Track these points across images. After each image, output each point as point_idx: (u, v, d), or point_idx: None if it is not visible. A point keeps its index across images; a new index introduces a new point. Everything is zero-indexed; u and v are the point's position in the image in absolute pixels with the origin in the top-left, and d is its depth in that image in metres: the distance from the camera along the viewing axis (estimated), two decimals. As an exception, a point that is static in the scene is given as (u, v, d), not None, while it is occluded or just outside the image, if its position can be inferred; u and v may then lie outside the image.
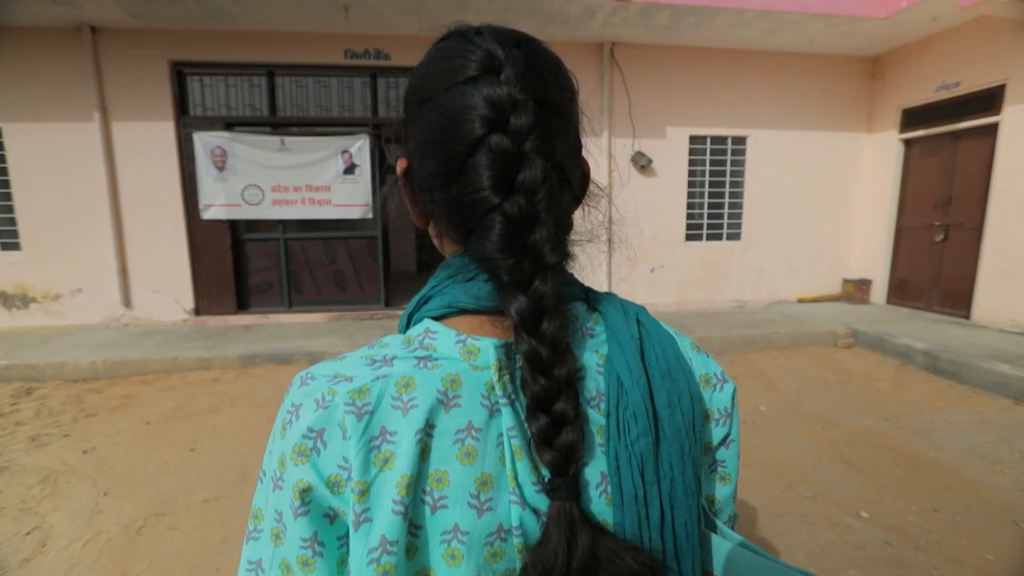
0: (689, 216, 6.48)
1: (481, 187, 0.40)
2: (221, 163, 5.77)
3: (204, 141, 5.70)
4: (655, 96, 6.16)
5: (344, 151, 5.94)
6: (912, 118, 6.12)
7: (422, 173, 0.45)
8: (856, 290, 6.57)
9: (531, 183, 0.39)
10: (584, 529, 0.38)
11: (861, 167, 6.71)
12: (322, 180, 5.97)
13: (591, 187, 0.52)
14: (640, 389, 0.43)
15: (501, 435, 0.41)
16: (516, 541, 0.40)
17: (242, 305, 6.10)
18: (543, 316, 0.40)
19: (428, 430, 0.40)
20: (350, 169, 5.98)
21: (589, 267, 0.52)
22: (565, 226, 0.46)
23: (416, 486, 0.39)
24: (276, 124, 5.90)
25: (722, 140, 6.45)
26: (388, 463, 0.39)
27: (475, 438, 0.40)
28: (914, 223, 6.20)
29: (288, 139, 5.83)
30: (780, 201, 6.60)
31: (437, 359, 0.43)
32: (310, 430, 0.40)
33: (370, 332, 5.52)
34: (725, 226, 6.61)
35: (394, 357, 0.43)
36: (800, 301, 6.76)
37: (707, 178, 6.49)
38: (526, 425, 0.41)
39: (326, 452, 0.39)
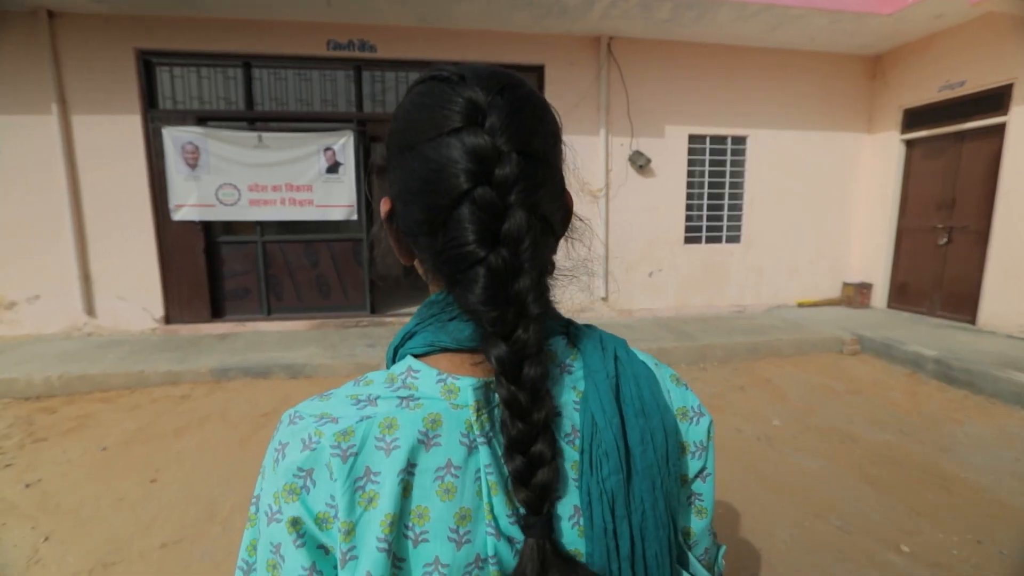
0: (688, 218, 6.26)
1: (466, 241, 0.40)
2: (193, 160, 5.38)
3: (174, 136, 5.31)
4: (654, 93, 5.93)
5: (327, 148, 5.59)
6: (914, 118, 5.98)
7: (407, 219, 0.46)
8: (857, 294, 6.42)
9: (516, 234, 0.40)
10: (555, 563, 0.40)
11: (861, 168, 6.56)
12: (303, 179, 5.62)
13: (574, 220, 0.53)
14: (612, 428, 0.44)
15: (479, 471, 0.43)
16: (492, 570, 0.42)
17: (217, 312, 5.71)
18: (524, 363, 0.41)
19: (410, 469, 0.41)
20: (333, 167, 5.64)
21: (586, 274, 0.54)
22: (547, 272, 0.47)
23: (399, 523, 0.41)
24: (253, 119, 5.53)
25: (722, 140, 6.24)
26: (372, 503, 0.40)
27: (454, 475, 0.42)
28: (916, 225, 6.06)
29: (266, 135, 5.47)
30: (780, 202, 6.42)
31: (419, 398, 0.44)
32: (300, 469, 0.42)
33: (354, 342, 5.19)
34: (724, 228, 6.41)
35: (378, 397, 0.44)
36: (800, 305, 6.59)
37: (706, 179, 6.28)
38: (502, 462, 0.42)
39: (315, 491, 0.41)
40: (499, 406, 0.42)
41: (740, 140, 6.28)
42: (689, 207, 6.26)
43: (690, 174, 6.20)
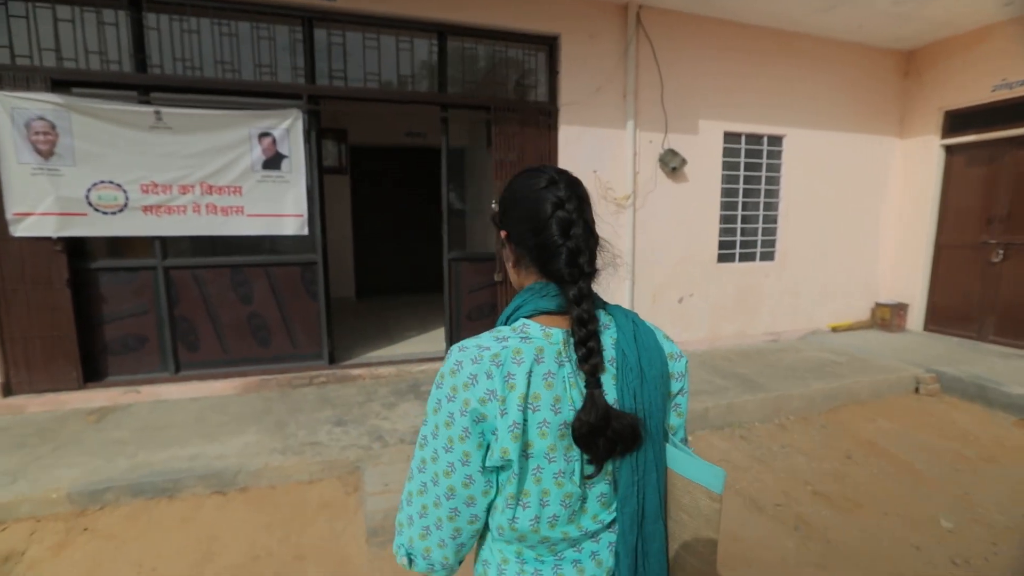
0: (721, 231, 5.17)
1: (554, 236, 0.77)
2: (47, 146, 3.45)
3: (13, 108, 3.37)
4: (687, 80, 4.77)
5: (263, 134, 3.86)
6: (958, 121, 5.30)
7: (520, 234, 0.82)
8: (893, 316, 5.67)
9: (578, 233, 0.77)
10: (601, 403, 0.72)
11: (891, 176, 5.83)
12: (227, 176, 3.85)
13: (601, 241, 0.83)
14: (633, 356, 0.77)
15: (564, 376, 0.75)
16: (569, 429, 0.74)
17: (92, 374, 3.78)
18: (584, 299, 0.74)
19: (530, 373, 0.73)
20: (273, 161, 3.92)
21: (613, 302, 0.86)
22: (595, 255, 0.80)
23: (525, 399, 0.72)
24: (147, 87, 3.69)
25: (757, 139, 5.23)
26: (513, 388, 0.72)
27: (552, 377, 0.74)
28: (958, 240, 5.39)
29: (169, 112, 3.65)
30: (815, 214, 5.52)
31: (531, 338, 0.76)
32: (471, 375, 0.73)
33: (312, 414, 3.52)
34: (759, 243, 5.39)
35: (508, 337, 0.76)
36: (834, 330, 5.73)
37: (741, 185, 5.23)
38: (576, 374, 0.75)
39: (477, 386, 0.73)
40: (575, 343, 0.74)
41: (776, 140, 5.30)
42: (723, 219, 5.17)
43: (724, 179, 5.12)
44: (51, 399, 3.61)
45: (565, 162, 4.51)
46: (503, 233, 0.86)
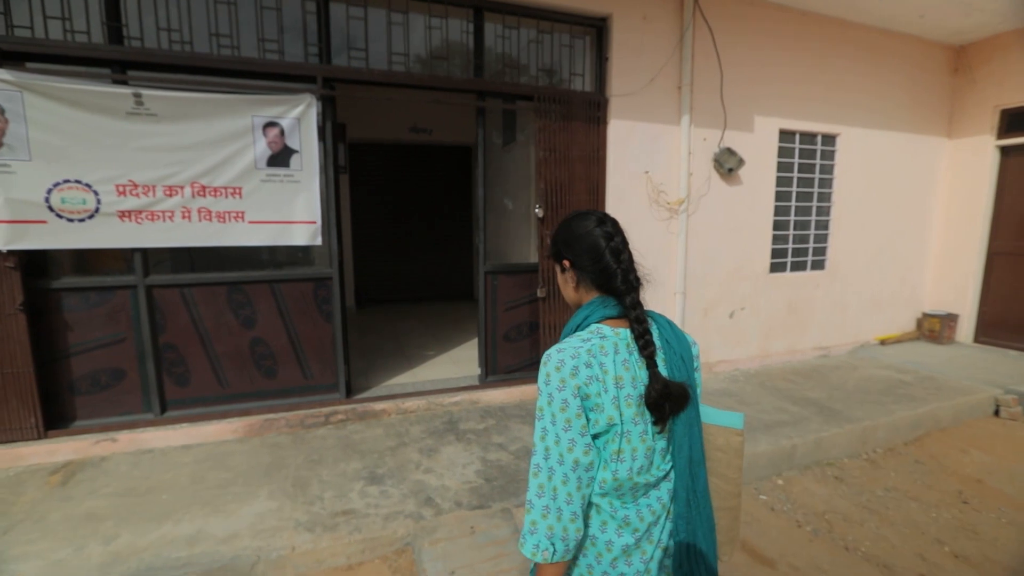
0: (772, 239, 4.68)
1: (611, 262, 1.00)
2: (-7, 134, 2.70)
3: (-54, 84, 2.60)
4: (743, 71, 4.25)
5: (270, 124, 3.17)
6: (1016, 121, 4.93)
7: (581, 262, 1.04)
8: (943, 327, 5.29)
9: (627, 259, 1.01)
10: (661, 377, 0.94)
11: (939, 178, 5.45)
12: (226, 175, 3.14)
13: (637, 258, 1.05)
14: (674, 343, 1.02)
15: (633, 362, 0.96)
16: (643, 399, 0.96)
17: (56, 419, 3.02)
18: (637, 305, 0.98)
19: (612, 361, 0.95)
20: (281, 156, 3.22)
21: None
22: (639, 274, 1.03)
23: (616, 380, 0.94)
24: (124, 63, 2.95)
25: (811, 138, 4.75)
26: (606, 372, 0.93)
27: (627, 362, 0.96)
28: (1013, 247, 5.03)
29: (152, 95, 2.92)
30: (866, 219, 5.09)
31: (607, 337, 0.97)
32: (573, 367, 0.91)
33: (335, 465, 2.86)
34: (810, 252, 4.93)
35: (590, 338, 0.96)
36: (882, 343, 5.32)
37: (794, 188, 4.74)
38: (639, 355, 0.96)
39: (581, 373, 0.91)
40: (635, 338, 0.97)
41: (830, 140, 4.84)
42: (775, 225, 4.68)
43: (777, 182, 4.63)
44: (2, 454, 2.84)
45: (615, 161, 3.93)
46: (566, 262, 1.08)
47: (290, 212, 3.31)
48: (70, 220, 2.89)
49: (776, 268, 4.75)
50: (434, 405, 3.64)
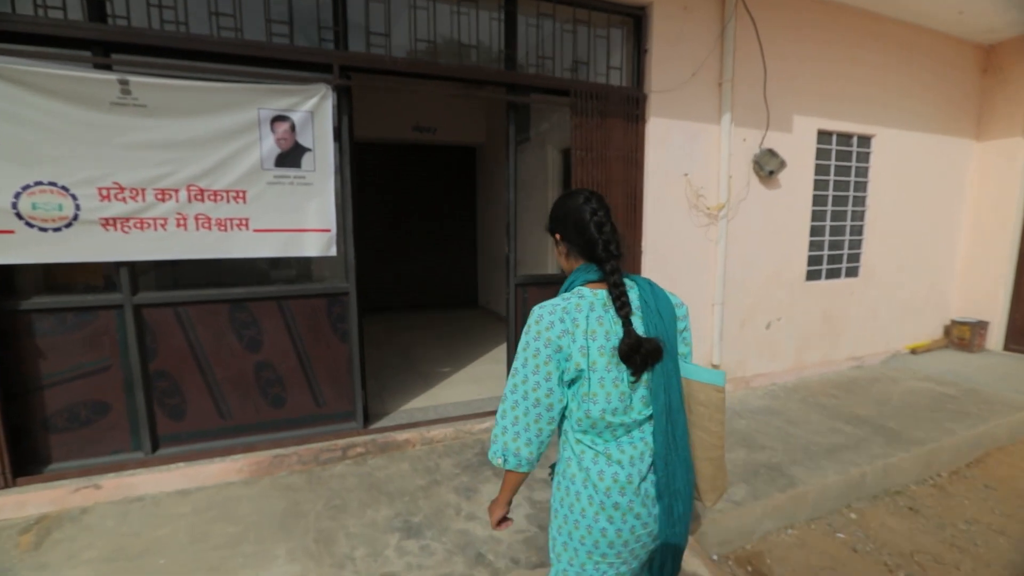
0: (809, 245, 4.41)
1: (594, 234, 1.13)
2: (-54, 127, 2.23)
3: None
4: (783, 67, 3.96)
5: (279, 117, 2.74)
6: (1049, 123, 4.75)
7: (570, 235, 1.19)
8: (973, 334, 5.10)
9: (608, 230, 1.13)
10: (633, 333, 1.06)
11: (967, 182, 5.26)
12: (228, 177, 2.70)
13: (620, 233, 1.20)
14: (652, 303, 1.14)
15: (609, 319, 1.10)
16: (616, 351, 1.08)
17: (26, 464, 2.55)
18: (615, 271, 1.10)
19: (587, 317, 1.09)
20: (291, 155, 2.80)
21: (698, 333, 2.39)
22: (619, 245, 1.15)
23: (586, 332, 1.08)
24: (107, 44, 2.49)
25: (847, 139, 4.49)
26: (577, 326, 1.08)
27: (601, 319, 1.09)
28: (1045, 253, 4.86)
29: (141, 82, 2.47)
30: (899, 224, 4.86)
31: (584, 296, 1.12)
32: (550, 322, 1.08)
33: (363, 506, 2.45)
34: (845, 258, 4.67)
35: (569, 297, 1.12)
36: (913, 352, 5.11)
37: (830, 192, 4.48)
38: (615, 315, 1.09)
39: (554, 328, 1.07)
40: (612, 298, 1.10)
41: (865, 141, 4.59)
42: (812, 230, 4.41)
43: (815, 184, 4.36)
44: (-41, 507, 2.37)
45: (653, 162, 3.59)
46: (557, 236, 1.23)
47: (301, 219, 2.88)
48: (43, 229, 2.43)
49: (811, 276, 4.48)
50: (462, 433, 3.25)
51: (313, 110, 2.79)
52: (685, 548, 1.23)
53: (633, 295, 1.14)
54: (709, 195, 3.83)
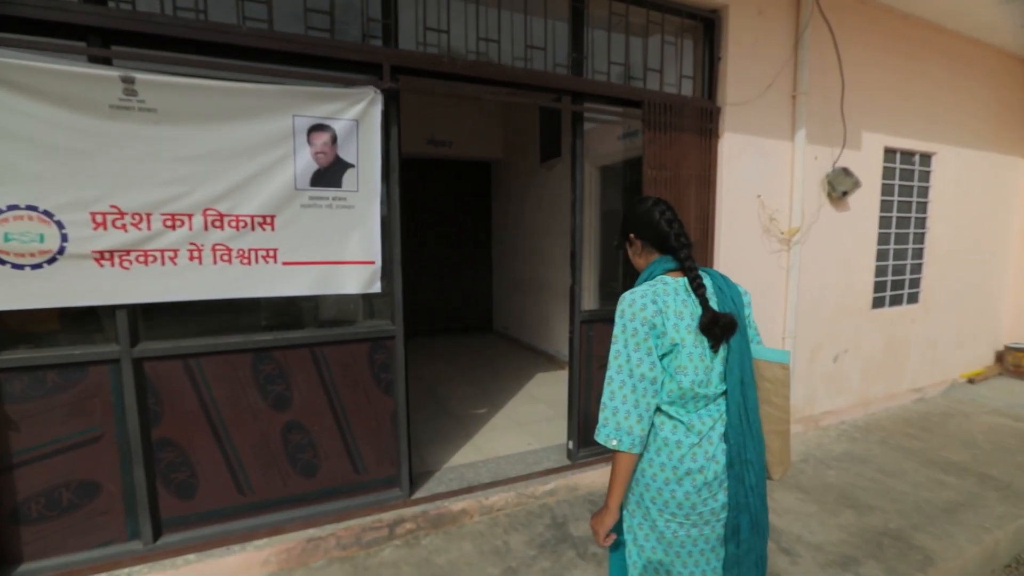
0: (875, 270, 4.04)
1: (664, 228, 1.28)
2: None
3: None
4: (855, 78, 3.61)
5: (317, 127, 2.22)
6: (1106, 142, 4.52)
7: (644, 233, 1.32)
8: (1029, 363, 4.80)
9: (677, 226, 1.28)
10: (710, 309, 1.19)
11: (1016, 201, 5.00)
12: (255, 199, 2.17)
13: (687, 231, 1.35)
14: (724, 289, 1.28)
15: (690, 302, 1.21)
16: (698, 327, 1.20)
17: (-13, 568, 1.95)
18: (688, 258, 1.24)
19: (672, 299, 1.21)
20: (331, 172, 2.28)
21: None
22: (689, 237, 1.29)
23: (675, 313, 1.19)
24: (107, 32, 1.96)
25: (909, 157, 4.17)
26: (667, 307, 1.19)
27: (684, 302, 1.21)
28: (1102, 277, 4.60)
29: (148, 80, 1.94)
30: (957, 246, 4.55)
31: (667, 283, 1.23)
32: (642, 304, 1.18)
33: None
34: (906, 283, 4.32)
35: (655, 284, 1.22)
36: (970, 381, 4.77)
37: (894, 213, 4.13)
38: (693, 296, 1.22)
39: (648, 308, 1.18)
40: (689, 283, 1.22)
41: (926, 159, 4.28)
42: (877, 254, 4.04)
43: (880, 206, 4.00)
44: None
45: (727, 182, 3.18)
46: (632, 236, 1.36)
47: (340, 249, 2.36)
48: (17, 267, 1.86)
49: (876, 304, 4.11)
50: (525, 498, 2.72)
51: (359, 118, 2.28)
52: (765, 520, 1.27)
53: (708, 282, 1.27)
54: (781, 218, 3.43)
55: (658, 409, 1.23)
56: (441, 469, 2.94)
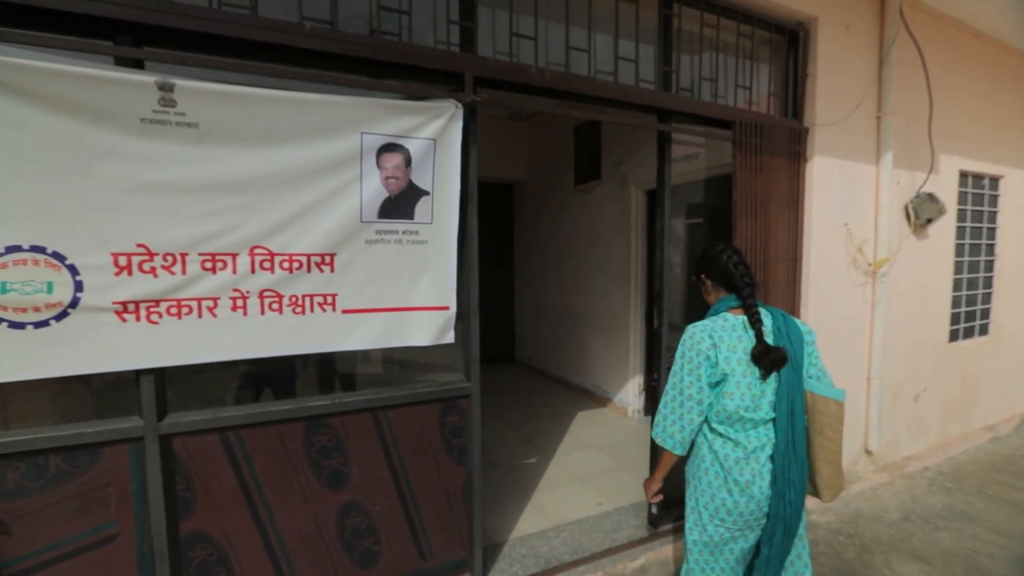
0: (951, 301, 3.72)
1: (731, 270, 1.51)
2: None
3: None
4: (938, 99, 3.32)
5: (389, 146, 1.82)
6: None
7: (715, 274, 1.55)
8: (1094, 396, 4.48)
9: (743, 268, 1.50)
10: (763, 342, 1.40)
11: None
12: (312, 234, 1.74)
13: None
14: (783, 327, 1.46)
15: (748, 337, 1.43)
16: (750, 365, 1.43)
17: None
18: (751, 298, 1.45)
19: (728, 335, 1.44)
20: (401, 201, 1.87)
21: (851, 415, 2.26)
22: (753, 278, 1.50)
23: (729, 347, 1.42)
24: (138, 28, 1.55)
25: (979, 180, 3.89)
26: (722, 341, 1.43)
27: (740, 337, 1.43)
28: None
29: (190, 87, 1.52)
30: (1022, 272, 4.26)
31: (727, 319, 1.46)
32: (700, 338, 1.44)
33: None
34: (978, 314, 4.00)
35: (716, 320, 1.46)
36: (1035, 416, 4.45)
37: (967, 240, 3.83)
38: (752, 336, 1.43)
39: (705, 342, 1.43)
40: (749, 320, 1.44)
41: (994, 182, 4.00)
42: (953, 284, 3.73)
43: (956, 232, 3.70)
44: None
45: (815, 210, 2.84)
46: (703, 276, 1.60)
47: (409, 293, 1.94)
48: (17, 325, 1.41)
49: (951, 337, 3.78)
50: (617, 581, 2.28)
51: (436, 137, 1.89)
52: (798, 529, 1.47)
53: (768, 322, 1.48)
54: (867, 248, 3.09)
55: (711, 427, 1.48)
56: (509, 541, 2.49)
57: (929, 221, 3.26)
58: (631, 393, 4.35)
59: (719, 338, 1.42)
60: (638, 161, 4.19)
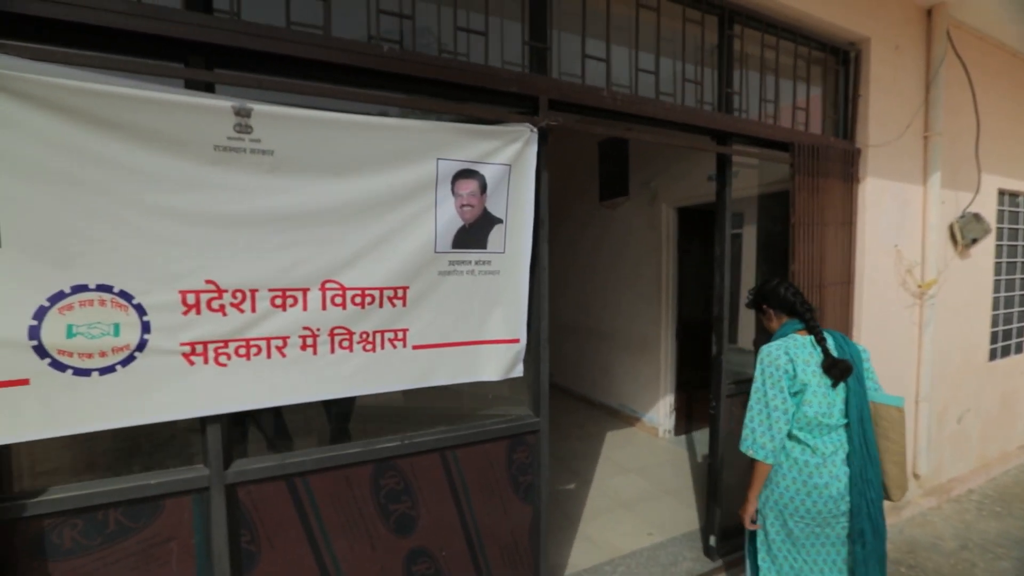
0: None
1: (790, 299, 1.74)
2: None
3: None
4: (973, 119, 3.27)
5: (464, 172, 1.71)
6: None
7: (774, 304, 1.79)
8: (1122, 413, 4.42)
9: (800, 296, 1.75)
10: (830, 354, 1.62)
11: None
12: (385, 266, 1.63)
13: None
14: (844, 346, 1.68)
15: (816, 354, 1.64)
16: (821, 370, 1.63)
17: None
18: (812, 320, 1.70)
19: (800, 351, 1.64)
20: (475, 230, 1.76)
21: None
22: (810, 303, 1.77)
23: (804, 361, 1.62)
24: (210, 49, 1.43)
25: (1014, 198, 3.84)
26: (797, 356, 1.63)
27: (810, 353, 1.64)
28: None
29: (268, 111, 1.40)
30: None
31: (796, 340, 1.67)
32: (778, 355, 1.63)
33: None
34: (1014, 333, 3.94)
35: (786, 341, 1.67)
36: (1066, 434, 4.38)
37: (1004, 258, 3.77)
38: (818, 347, 1.65)
39: (783, 358, 1.62)
40: (815, 340, 1.67)
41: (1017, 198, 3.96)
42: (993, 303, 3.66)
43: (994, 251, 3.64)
44: None
45: (868, 232, 2.76)
46: (764, 306, 1.80)
47: (479, 326, 1.82)
48: (81, 372, 1.28)
49: (991, 355, 3.70)
50: (685, 624, 2.15)
51: (512, 162, 1.78)
52: (883, 527, 1.62)
53: (830, 339, 1.68)
54: (915, 269, 3.01)
55: (791, 434, 1.64)
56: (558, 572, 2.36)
57: (975, 241, 3.19)
58: (662, 413, 4.24)
59: (794, 354, 1.62)
60: (671, 178, 4.10)
